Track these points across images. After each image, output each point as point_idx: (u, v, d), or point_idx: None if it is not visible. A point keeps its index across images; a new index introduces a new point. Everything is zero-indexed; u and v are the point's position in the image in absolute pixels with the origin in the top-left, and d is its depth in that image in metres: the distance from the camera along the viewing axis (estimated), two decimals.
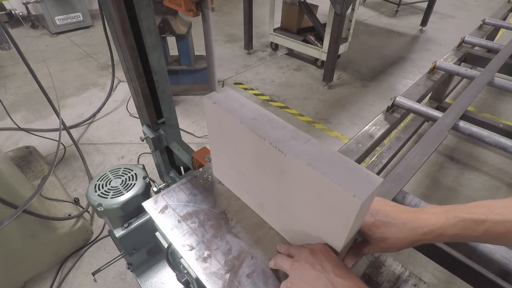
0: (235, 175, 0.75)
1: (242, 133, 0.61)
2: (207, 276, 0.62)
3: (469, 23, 5.18)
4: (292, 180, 0.56)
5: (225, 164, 0.76)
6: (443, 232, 0.53)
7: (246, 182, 0.72)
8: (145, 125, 1.49)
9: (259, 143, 0.58)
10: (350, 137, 2.31)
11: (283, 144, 0.55)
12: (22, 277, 1.68)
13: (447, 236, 0.53)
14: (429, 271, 1.82)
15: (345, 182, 0.47)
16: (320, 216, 0.55)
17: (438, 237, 0.53)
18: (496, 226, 0.50)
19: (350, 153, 1.19)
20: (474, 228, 0.51)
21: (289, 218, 0.64)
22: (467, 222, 0.52)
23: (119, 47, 1.23)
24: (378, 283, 0.65)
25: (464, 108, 1.35)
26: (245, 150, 0.64)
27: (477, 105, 3.22)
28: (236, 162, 0.71)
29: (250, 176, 0.69)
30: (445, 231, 0.53)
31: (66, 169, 2.37)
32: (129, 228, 1.18)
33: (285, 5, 3.82)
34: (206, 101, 0.66)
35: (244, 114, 0.61)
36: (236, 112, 0.62)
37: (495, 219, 0.50)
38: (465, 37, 2.01)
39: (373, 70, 3.84)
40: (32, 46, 3.96)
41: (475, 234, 0.52)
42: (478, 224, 0.51)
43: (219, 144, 0.73)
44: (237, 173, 0.73)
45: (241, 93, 3.34)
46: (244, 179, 0.72)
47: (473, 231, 0.52)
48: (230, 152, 0.70)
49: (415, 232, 0.54)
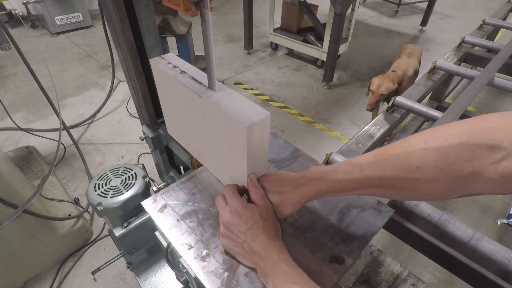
0: (180, 129, 0.86)
1: (176, 86, 0.73)
2: (205, 275, 0.62)
3: (469, 23, 5.18)
4: (209, 120, 0.68)
5: (172, 120, 0.88)
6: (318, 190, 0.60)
7: (187, 132, 0.83)
8: (144, 125, 1.49)
9: (186, 92, 0.70)
10: (350, 137, 2.32)
11: (201, 91, 0.67)
12: (22, 277, 1.68)
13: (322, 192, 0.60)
14: (429, 271, 1.82)
15: (239, 115, 0.59)
16: (230, 150, 0.66)
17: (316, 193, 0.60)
18: (348, 184, 0.56)
19: (350, 153, 1.19)
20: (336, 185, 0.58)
21: (217, 160, 0.76)
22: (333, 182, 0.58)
23: (119, 47, 1.23)
24: (377, 283, 0.65)
25: (464, 108, 1.35)
26: (180, 102, 0.76)
27: (477, 105, 3.22)
28: (178, 116, 0.82)
29: (187, 125, 0.80)
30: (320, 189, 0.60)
31: (66, 169, 2.38)
32: (128, 227, 1.18)
33: (285, 5, 3.82)
34: (153, 63, 0.77)
35: (176, 71, 0.73)
36: (171, 70, 0.74)
37: (347, 178, 0.56)
38: (465, 37, 2.01)
39: (373, 70, 3.84)
40: (32, 46, 3.97)
41: (337, 189, 0.58)
42: (338, 183, 0.58)
43: (166, 103, 0.85)
44: (180, 125, 0.84)
45: (241, 93, 3.34)
46: (185, 130, 0.83)
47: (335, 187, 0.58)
48: (173, 107, 0.82)
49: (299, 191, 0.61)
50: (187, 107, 0.75)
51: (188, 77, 0.71)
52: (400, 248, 1.94)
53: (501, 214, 2.15)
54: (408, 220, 0.98)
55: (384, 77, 2.41)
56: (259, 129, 0.60)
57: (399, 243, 1.57)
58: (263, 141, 0.64)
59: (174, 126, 0.91)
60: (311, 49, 3.68)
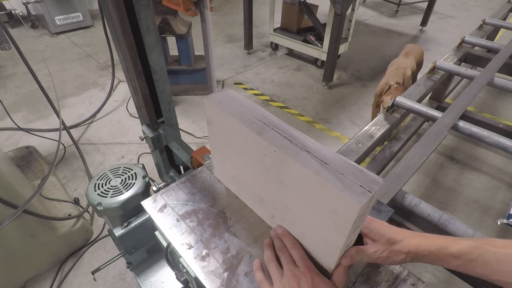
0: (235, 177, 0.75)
1: (243, 135, 0.61)
2: (205, 275, 0.62)
3: (469, 23, 5.18)
4: (293, 185, 0.55)
5: (225, 165, 0.76)
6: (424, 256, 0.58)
7: (246, 184, 0.71)
8: (144, 125, 1.49)
9: (262, 146, 0.57)
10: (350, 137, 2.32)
11: (286, 149, 0.54)
12: (22, 277, 1.68)
13: (425, 260, 0.58)
14: (429, 271, 1.82)
15: (345, 187, 0.46)
16: (322, 221, 0.53)
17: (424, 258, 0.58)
18: None
19: (350, 153, 1.19)
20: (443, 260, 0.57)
21: (292, 224, 0.63)
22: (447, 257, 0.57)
23: (119, 47, 1.23)
24: (377, 283, 0.65)
25: (464, 108, 1.35)
26: (245, 152, 0.64)
27: (477, 105, 3.22)
28: (238, 166, 0.70)
29: (249, 179, 0.68)
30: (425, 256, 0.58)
31: (66, 169, 2.38)
32: (128, 227, 1.18)
33: (285, 5, 3.82)
34: (207, 102, 0.65)
35: (245, 116, 0.61)
36: (237, 113, 0.61)
37: None
38: (465, 37, 2.01)
39: (373, 70, 3.84)
40: (32, 46, 3.97)
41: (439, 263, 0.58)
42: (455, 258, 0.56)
43: (221, 145, 0.72)
44: (237, 175, 0.73)
45: (241, 93, 3.34)
46: (243, 181, 0.72)
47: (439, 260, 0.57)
48: (231, 154, 0.70)
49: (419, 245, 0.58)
50: (256, 161, 0.62)
51: (269, 129, 0.58)
52: None
53: (501, 214, 2.15)
54: (408, 220, 0.98)
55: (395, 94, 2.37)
56: (369, 203, 0.47)
57: None
58: (368, 211, 0.52)
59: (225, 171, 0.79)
60: (311, 49, 3.68)
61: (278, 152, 0.54)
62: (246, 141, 0.61)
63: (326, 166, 0.50)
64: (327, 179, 0.48)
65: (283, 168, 0.55)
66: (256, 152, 0.60)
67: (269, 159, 0.57)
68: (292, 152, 0.53)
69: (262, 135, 0.57)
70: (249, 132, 0.58)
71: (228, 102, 0.64)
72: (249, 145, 0.61)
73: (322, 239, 0.56)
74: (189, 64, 3.14)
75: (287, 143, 0.55)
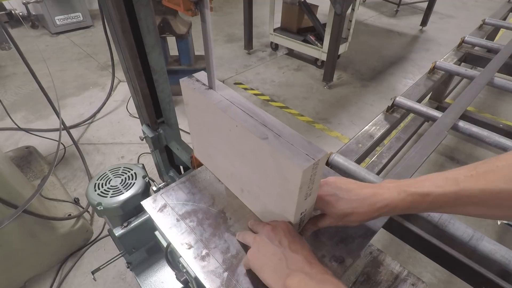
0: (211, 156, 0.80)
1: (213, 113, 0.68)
2: (205, 275, 0.62)
3: (469, 23, 5.17)
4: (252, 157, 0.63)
5: (203, 145, 0.82)
6: (396, 206, 0.57)
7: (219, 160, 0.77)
8: (144, 125, 1.49)
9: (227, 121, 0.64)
10: (350, 137, 2.32)
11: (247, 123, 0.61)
12: (22, 277, 1.68)
13: (400, 209, 0.57)
14: (429, 271, 1.82)
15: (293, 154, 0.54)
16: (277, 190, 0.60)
17: (392, 210, 0.58)
18: (438, 198, 0.53)
19: (350, 153, 1.19)
20: (420, 201, 0.55)
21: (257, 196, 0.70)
22: (415, 195, 0.55)
23: (119, 47, 1.23)
24: (377, 282, 0.65)
25: (464, 108, 1.35)
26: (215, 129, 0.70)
27: (477, 105, 3.22)
28: (211, 141, 0.76)
29: (220, 155, 0.75)
30: (397, 205, 0.57)
31: (66, 169, 2.38)
32: (128, 227, 1.18)
33: (285, 5, 3.82)
34: (183, 83, 0.72)
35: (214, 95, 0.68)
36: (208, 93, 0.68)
37: (436, 191, 0.53)
38: (465, 37, 2.01)
39: (373, 70, 3.84)
40: (32, 46, 3.97)
41: (422, 206, 0.56)
42: (424, 197, 0.55)
43: (197, 126, 0.79)
44: (212, 150, 0.78)
45: (241, 93, 3.34)
46: (217, 158, 0.78)
47: (420, 203, 0.56)
48: (206, 133, 0.76)
49: (372, 207, 0.58)
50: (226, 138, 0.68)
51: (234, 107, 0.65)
52: (400, 248, 1.93)
53: None
54: (408, 220, 0.98)
55: None
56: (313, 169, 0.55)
57: (399, 243, 1.57)
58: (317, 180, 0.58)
59: (203, 149, 0.84)
60: (311, 49, 3.68)
61: (239, 126, 0.61)
62: (215, 118, 0.68)
63: (279, 138, 0.57)
64: (278, 148, 0.55)
65: (244, 141, 0.62)
66: (224, 128, 0.66)
67: (233, 133, 0.64)
68: (251, 126, 0.60)
69: (227, 111, 0.63)
70: (216, 109, 0.65)
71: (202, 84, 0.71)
72: (218, 122, 0.67)
73: (280, 207, 0.63)
74: (189, 64, 3.14)
75: (248, 118, 0.62)
